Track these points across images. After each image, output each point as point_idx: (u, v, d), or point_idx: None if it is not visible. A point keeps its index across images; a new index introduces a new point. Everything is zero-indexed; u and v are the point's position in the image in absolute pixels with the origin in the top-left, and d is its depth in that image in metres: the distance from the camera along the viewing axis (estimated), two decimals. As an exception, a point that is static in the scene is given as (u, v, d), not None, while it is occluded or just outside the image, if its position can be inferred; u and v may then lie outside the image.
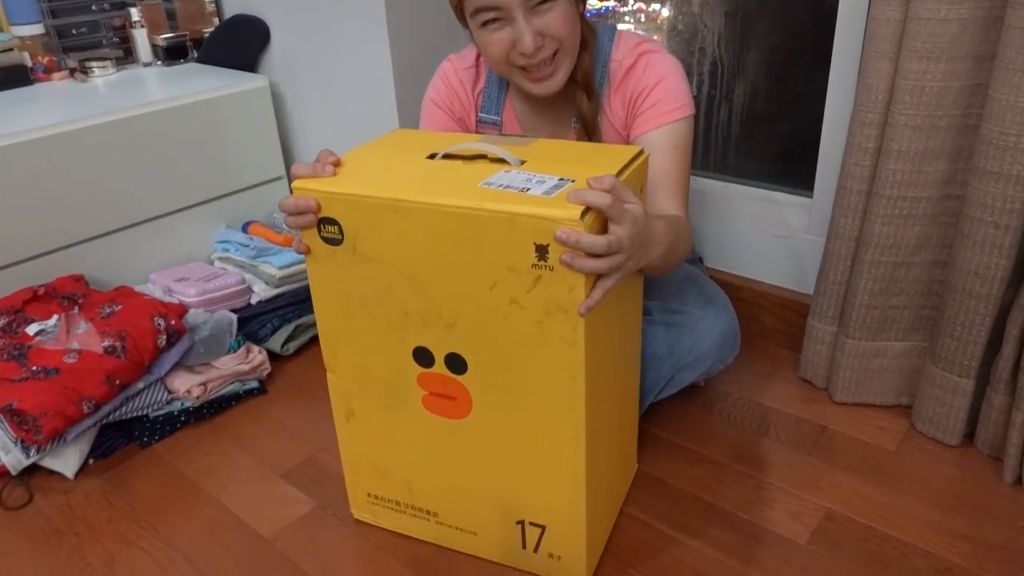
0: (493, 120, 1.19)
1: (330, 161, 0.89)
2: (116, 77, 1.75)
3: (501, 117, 1.18)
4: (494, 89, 1.18)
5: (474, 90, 1.19)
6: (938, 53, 1.01)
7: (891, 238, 1.13)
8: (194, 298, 1.42)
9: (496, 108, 1.18)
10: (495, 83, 1.18)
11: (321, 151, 0.90)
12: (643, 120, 1.10)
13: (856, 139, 1.13)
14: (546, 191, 0.81)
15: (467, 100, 1.19)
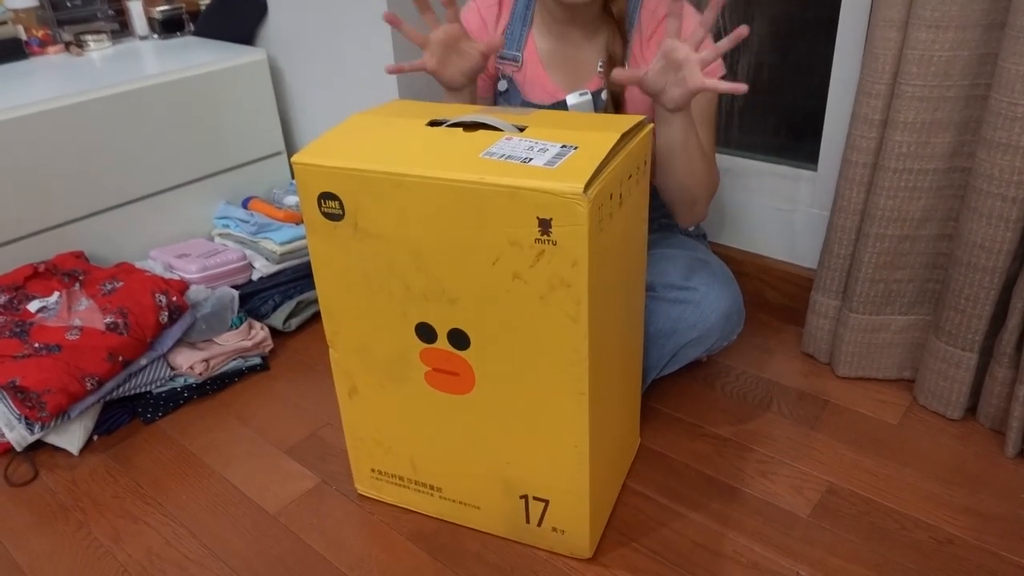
0: (513, 56, 1.19)
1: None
2: (112, 51, 1.72)
3: (522, 54, 1.19)
4: (517, 25, 1.19)
5: (497, 25, 1.20)
6: (947, 22, 0.99)
7: (896, 211, 1.12)
8: (195, 274, 1.42)
9: (518, 45, 1.19)
10: (518, 19, 1.19)
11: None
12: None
13: (862, 110, 1.11)
14: (548, 161, 0.80)
15: (488, 35, 1.19)
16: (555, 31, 1.17)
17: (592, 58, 1.17)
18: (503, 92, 1.21)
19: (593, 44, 1.16)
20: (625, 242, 0.90)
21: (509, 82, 1.20)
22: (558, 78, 1.18)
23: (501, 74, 1.21)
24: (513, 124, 0.89)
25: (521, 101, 1.20)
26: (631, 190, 0.88)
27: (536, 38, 1.19)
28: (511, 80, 1.20)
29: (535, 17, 1.18)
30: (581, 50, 1.17)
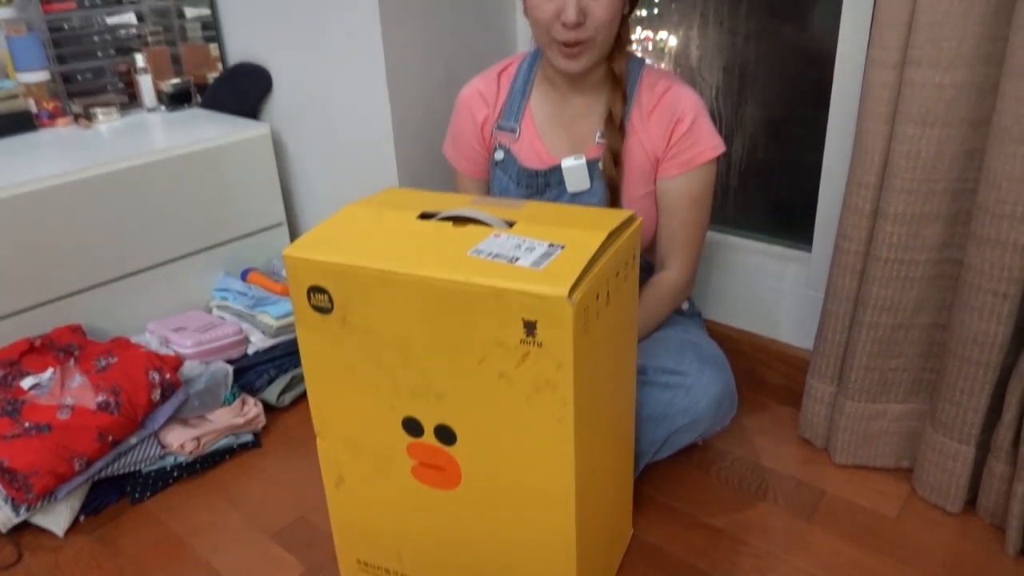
0: (511, 127, 1.22)
1: None
2: (120, 123, 1.76)
3: (520, 125, 1.22)
4: (516, 99, 1.23)
5: (496, 102, 1.24)
6: (933, 118, 1.01)
7: (889, 300, 1.12)
8: (190, 349, 1.42)
9: (516, 116, 1.22)
10: (517, 93, 1.23)
11: None
12: (672, 164, 1.16)
13: (852, 200, 1.12)
14: (535, 261, 0.80)
15: (487, 111, 1.24)
16: (555, 98, 1.21)
17: (592, 126, 1.19)
18: (499, 161, 1.24)
19: (593, 112, 1.19)
20: (614, 337, 0.90)
21: (506, 152, 1.23)
22: (555, 144, 1.21)
23: (498, 144, 1.24)
24: (503, 219, 0.90)
25: (517, 169, 1.22)
26: (619, 287, 0.88)
27: (534, 107, 1.23)
28: (507, 150, 1.23)
29: (534, 87, 1.23)
30: (580, 118, 1.20)
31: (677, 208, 1.18)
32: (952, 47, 0.96)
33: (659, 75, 1.18)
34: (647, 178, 1.18)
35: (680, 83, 1.17)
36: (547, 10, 1.07)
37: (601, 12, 1.06)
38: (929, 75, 0.98)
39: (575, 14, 1.04)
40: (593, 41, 1.08)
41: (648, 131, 1.16)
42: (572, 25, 1.05)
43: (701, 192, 1.17)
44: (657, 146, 1.16)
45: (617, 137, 1.16)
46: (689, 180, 1.16)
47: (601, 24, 1.07)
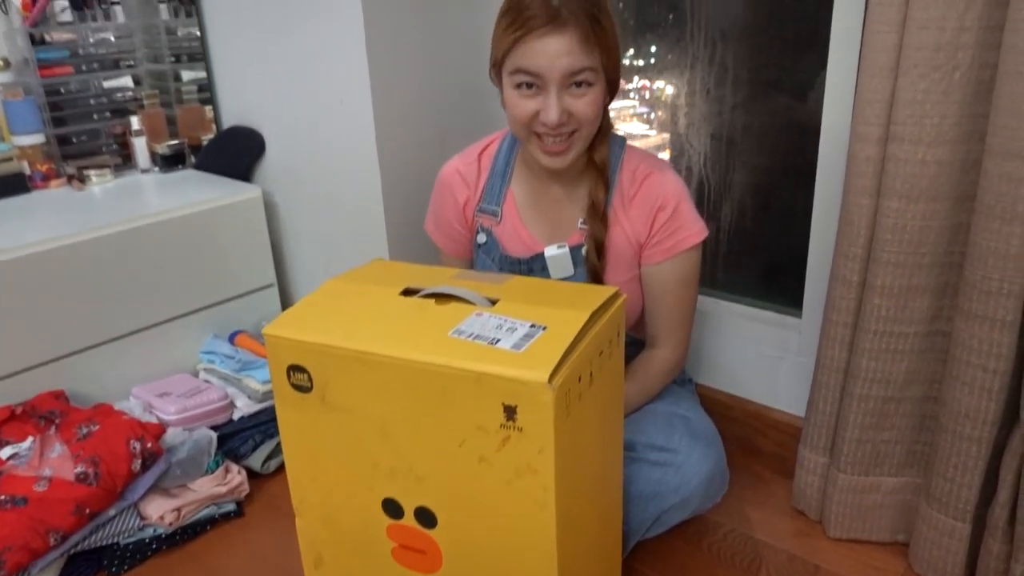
0: (493, 210, 1.20)
1: None
2: (113, 184, 1.77)
3: (501, 208, 1.20)
4: (496, 180, 1.20)
5: (477, 184, 1.21)
6: (917, 193, 1.01)
7: (879, 372, 1.11)
8: (174, 416, 1.40)
9: (497, 199, 1.20)
10: (498, 174, 1.20)
11: None
12: (656, 251, 1.14)
13: (840, 271, 1.12)
14: (516, 343, 0.79)
15: (468, 194, 1.21)
16: (536, 185, 1.19)
17: (573, 212, 1.18)
18: (482, 244, 1.22)
19: (574, 198, 1.17)
20: (598, 417, 0.88)
21: (488, 235, 1.22)
22: (538, 231, 1.19)
23: (480, 227, 1.22)
24: (486, 296, 0.89)
25: (500, 254, 1.21)
26: (603, 366, 0.87)
27: (516, 192, 1.20)
28: (490, 233, 1.21)
29: (515, 171, 1.20)
30: (562, 204, 1.18)
31: (665, 292, 1.17)
32: (934, 124, 0.97)
33: (640, 159, 1.16)
34: (631, 263, 1.17)
35: (661, 168, 1.15)
36: (527, 109, 1.03)
37: (585, 109, 1.03)
38: (912, 151, 0.99)
39: (558, 114, 1.01)
40: (578, 135, 1.06)
41: (630, 218, 1.15)
42: (555, 125, 1.02)
43: (687, 275, 1.16)
44: (640, 232, 1.15)
45: (600, 227, 1.14)
46: (674, 265, 1.15)
47: (584, 121, 1.04)
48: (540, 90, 1.02)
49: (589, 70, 1.01)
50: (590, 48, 1.00)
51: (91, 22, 1.77)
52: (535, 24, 0.99)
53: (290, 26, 1.51)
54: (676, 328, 1.18)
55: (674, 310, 1.17)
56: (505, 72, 1.05)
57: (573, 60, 0.99)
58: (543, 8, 0.99)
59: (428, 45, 1.47)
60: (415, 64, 1.45)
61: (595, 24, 1.00)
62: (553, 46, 0.99)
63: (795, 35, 1.32)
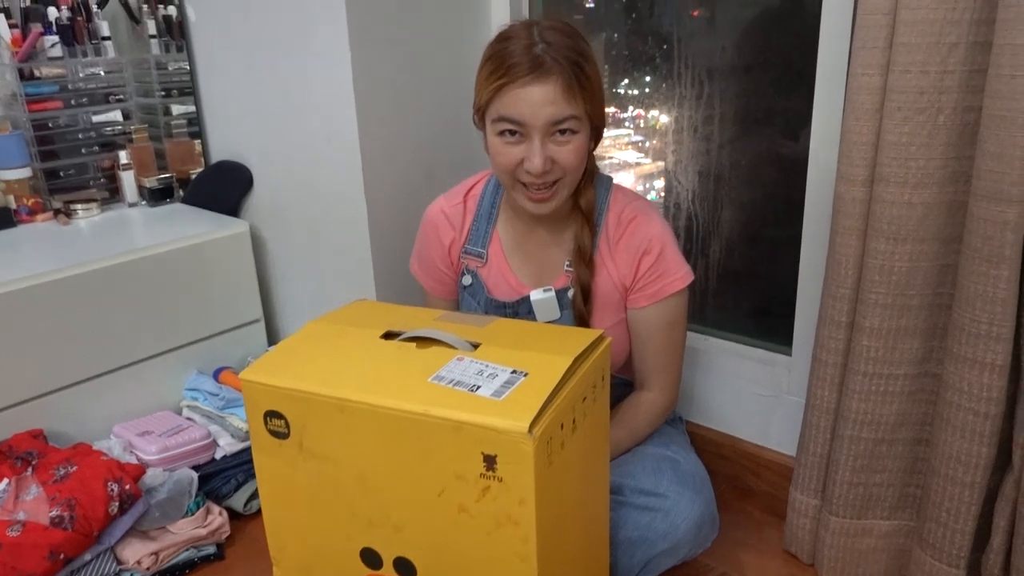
0: (478, 252, 1.19)
1: None
2: (100, 219, 1.76)
3: (487, 251, 1.19)
4: (482, 223, 1.19)
5: (462, 226, 1.20)
6: (904, 235, 1.00)
7: (869, 414, 1.09)
8: (154, 456, 1.37)
9: (483, 241, 1.19)
10: (483, 217, 1.19)
11: None
12: (641, 295, 1.13)
13: (828, 312, 1.11)
14: (496, 390, 0.78)
15: (453, 235, 1.20)
16: (521, 228, 1.18)
17: (559, 255, 1.17)
18: (468, 286, 1.21)
19: (560, 241, 1.17)
20: (582, 463, 0.86)
21: (473, 277, 1.20)
22: (524, 274, 1.18)
23: (465, 269, 1.21)
24: (467, 339, 0.88)
25: (485, 297, 1.19)
26: (587, 411, 0.85)
27: (501, 234, 1.19)
28: (475, 275, 1.20)
29: (500, 214, 1.20)
30: (548, 247, 1.17)
31: (651, 336, 1.15)
32: (920, 166, 0.97)
33: (626, 201, 1.15)
34: (617, 307, 1.16)
35: (646, 211, 1.14)
36: (511, 156, 1.02)
37: (568, 158, 1.02)
38: (898, 193, 0.98)
39: (541, 163, 1.00)
40: (562, 183, 1.05)
41: (616, 262, 1.14)
42: (539, 173, 1.01)
43: (674, 319, 1.15)
44: (625, 276, 1.14)
45: (586, 272, 1.13)
46: (660, 309, 1.14)
47: (568, 169, 1.03)
48: (523, 138, 1.02)
49: (573, 118, 1.00)
50: (573, 96, 0.99)
51: (81, 57, 1.78)
52: (518, 72, 0.98)
53: (278, 62, 1.51)
54: (664, 371, 1.17)
55: (661, 353, 1.16)
56: (488, 119, 1.05)
57: (557, 109, 0.99)
58: (526, 56, 0.98)
59: (415, 82, 1.47)
60: (402, 101, 1.46)
61: (578, 72, 0.99)
62: (536, 95, 0.98)
63: (782, 75, 1.32)
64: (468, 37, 1.54)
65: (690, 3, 1.40)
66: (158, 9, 1.84)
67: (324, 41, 1.38)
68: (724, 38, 1.36)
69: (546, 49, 0.98)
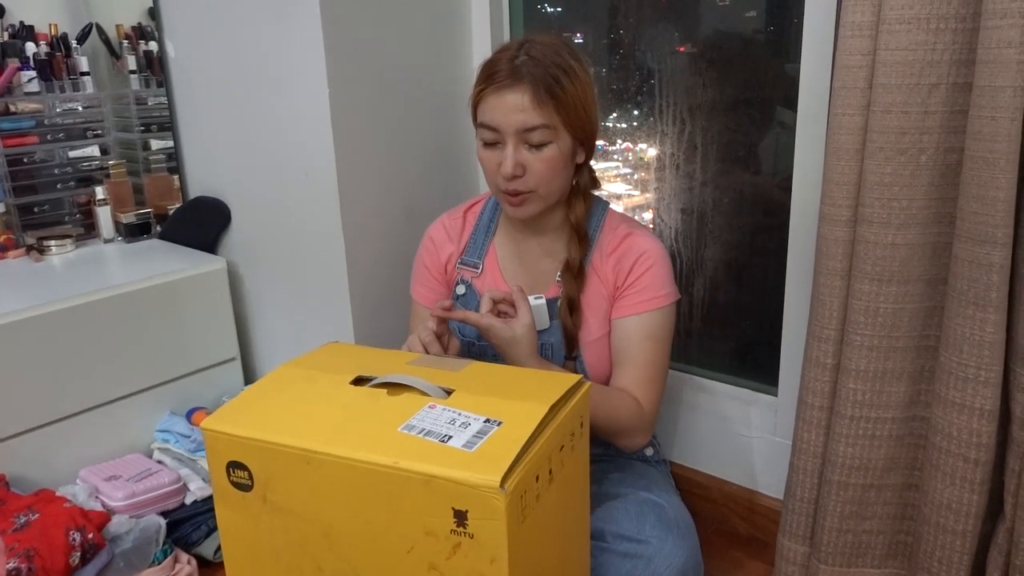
0: (474, 263, 1.22)
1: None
2: (74, 255, 1.72)
3: (483, 261, 1.21)
4: (480, 235, 1.22)
5: (461, 236, 1.23)
6: (889, 276, 0.98)
7: (858, 459, 1.07)
8: (121, 502, 1.32)
9: (479, 253, 1.22)
10: (482, 230, 1.23)
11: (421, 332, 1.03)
12: (627, 303, 1.13)
13: (813, 353, 1.08)
14: (468, 441, 0.74)
15: (451, 247, 1.23)
16: (516, 243, 1.21)
17: (551, 267, 1.18)
18: (461, 296, 1.22)
19: (553, 253, 1.18)
20: (560, 515, 0.83)
21: (468, 287, 1.21)
22: (517, 281, 1.18)
23: (460, 279, 1.22)
24: (441, 386, 0.85)
25: (478, 304, 1.18)
26: (565, 460, 0.82)
27: (498, 246, 1.22)
28: (470, 285, 1.21)
29: (499, 228, 1.23)
30: (541, 259, 1.19)
31: (631, 345, 1.13)
32: (903, 207, 0.95)
33: (622, 219, 1.18)
34: (605, 318, 1.16)
35: (644, 231, 1.16)
36: (491, 163, 1.08)
37: (540, 166, 1.06)
38: (881, 233, 0.97)
39: (512, 167, 1.05)
40: (535, 193, 1.08)
41: (607, 272, 1.15)
42: (509, 177, 1.06)
43: (657, 333, 1.13)
44: (615, 285, 1.15)
45: (574, 285, 1.14)
46: (644, 320, 1.12)
47: (540, 179, 1.07)
48: (501, 145, 1.06)
49: (544, 128, 1.04)
50: (542, 106, 1.03)
51: (59, 92, 1.76)
52: (496, 79, 1.04)
53: (256, 97, 1.50)
54: (644, 387, 1.12)
55: (641, 365, 1.12)
56: (477, 127, 1.10)
57: (526, 116, 1.03)
58: (507, 65, 1.04)
59: (395, 118, 1.46)
60: (381, 137, 1.44)
61: (551, 83, 1.03)
62: (509, 101, 1.03)
63: (764, 113, 1.32)
64: (449, 71, 1.54)
65: (674, 40, 1.40)
66: (139, 45, 1.83)
67: (302, 77, 1.37)
68: (705, 75, 1.36)
69: (526, 61, 1.04)
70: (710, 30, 1.35)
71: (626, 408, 1.11)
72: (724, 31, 1.34)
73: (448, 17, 1.53)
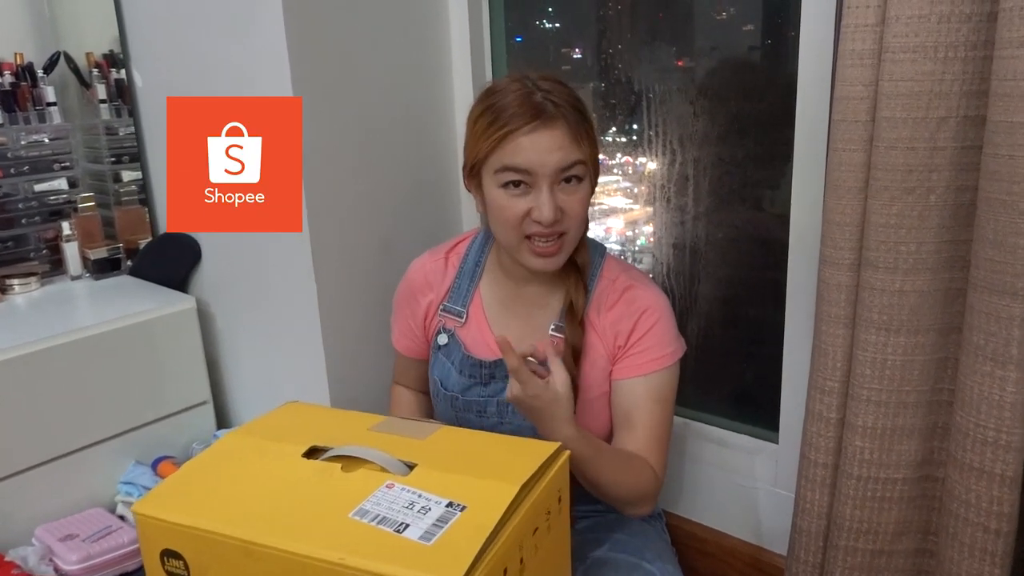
0: (458, 311, 1.12)
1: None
2: (39, 294, 1.64)
3: (467, 309, 1.11)
4: (464, 280, 1.12)
5: (443, 281, 1.13)
6: (897, 325, 0.90)
7: (866, 522, 0.98)
8: (75, 566, 1.23)
9: (463, 300, 1.12)
10: (466, 275, 1.12)
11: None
12: (631, 363, 1.05)
13: (816, 406, 1.00)
14: (427, 531, 0.66)
15: (432, 293, 1.14)
16: (508, 286, 1.11)
17: (545, 318, 1.09)
18: (443, 346, 1.12)
19: (548, 303, 1.09)
20: (534, 605, 0.74)
21: (450, 336, 1.11)
22: (505, 334, 1.08)
23: (442, 327, 1.12)
24: (402, 459, 0.76)
25: (462, 356, 1.10)
26: (539, 544, 0.74)
27: (484, 293, 1.12)
28: (452, 335, 1.11)
29: (485, 272, 1.13)
30: (535, 309, 1.10)
31: (634, 408, 1.04)
32: (911, 251, 0.87)
33: (620, 268, 1.09)
34: (604, 377, 1.07)
35: (644, 281, 1.08)
36: (518, 209, 0.97)
37: (576, 208, 0.99)
38: (888, 279, 0.89)
39: (551, 214, 0.95)
40: (567, 236, 1.00)
41: (605, 329, 1.06)
42: (550, 223, 0.96)
43: (662, 394, 1.05)
44: (615, 343, 1.05)
45: (578, 332, 1.05)
46: (649, 382, 1.04)
47: (576, 220, 0.99)
48: (530, 188, 0.97)
49: (580, 164, 0.97)
50: (579, 141, 0.97)
51: (24, 124, 1.69)
52: (522, 120, 0.95)
53: (226, 130, 1.42)
54: (653, 450, 1.04)
55: (649, 428, 1.04)
56: (487, 173, 0.99)
57: (565, 155, 0.96)
58: (526, 105, 0.95)
59: (368, 148, 1.38)
60: (354, 167, 1.36)
61: (581, 119, 0.98)
62: (544, 141, 0.95)
63: (759, 145, 1.24)
64: (426, 98, 1.46)
65: (664, 61, 1.32)
66: (110, 73, 1.76)
67: (270, 109, 1.29)
68: (696, 104, 1.28)
69: (546, 95, 0.96)
70: (706, 49, 1.28)
71: (645, 477, 1.02)
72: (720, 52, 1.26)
73: (426, 43, 1.45)
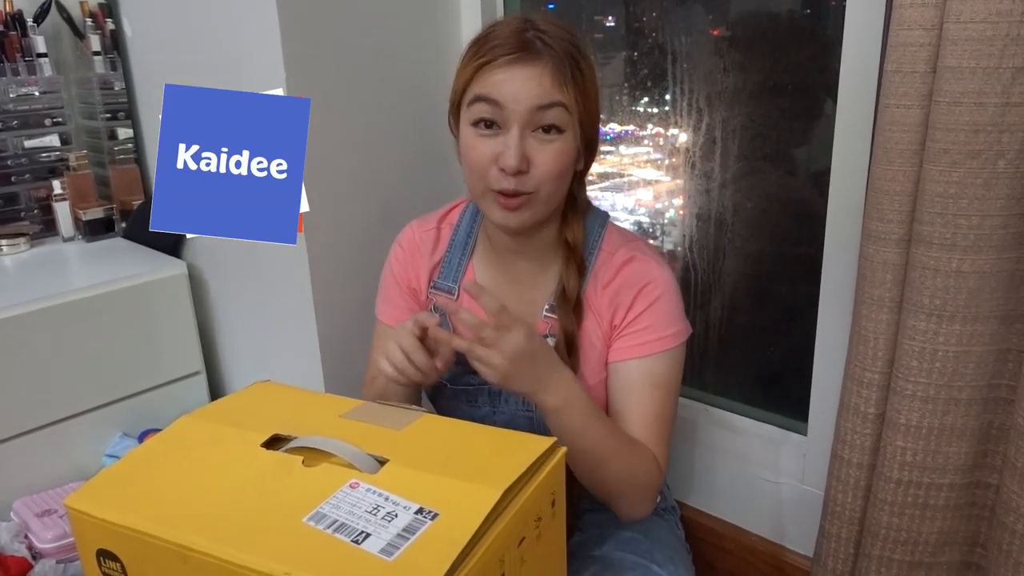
0: (449, 287, 1.02)
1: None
2: (28, 255, 1.57)
3: (458, 286, 1.02)
4: (455, 254, 1.03)
5: (433, 254, 1.04)
6: (952, 311, 0.78)
7: (904, 532, 0.87)
8: (49, 544, 1.17)
9: (455, 275, 1.02)
10: (457, 248, 1.03)
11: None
12: (628, 344, 0.94)
13: (851, 400, 0.88)
14: (389, 543, 0.56)
15: (423, 265, 1.04)
16: (499, 264, 1.01)
17: (539, 297, 0.99)
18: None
19: (542, 281, 0.99)
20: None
21: (442, 316, 1.01)
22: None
23: (433, 306, 1.03)
24: (373, 453, 0.67)
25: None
26: (525, 557, 0.64)
27: (476, 270, 1.02)
28: (444, 317, 1.00)
29: (477, 247, 1.03)
30: (526, 287, 1.00)
31: (632, 393, 0.93)
32: (972, 225, 0.75)
33: (622, 240, 0.97)
34: (601, 362, 0.96)
35: (646, 253, 0.96)
36: (484, 152, 0.87)
37: (548, 162, 0.87)
38: (943, 258, 0.76)
39: (517, 160, 0.85)
40: (536, 195, 0.88)
41: (602, 306, 0.95)
42: (512, 172, 0.86)
43: (662, 379, 0.94)
44: (611, 323, 0.95)
45: (571, 319, 0.94)
46: (647, 364, 0.93)
47: (546, 176, 0.87)
48: (500, 131, 0.87)
49: (560, 106, 0.86)
50: (563, 83, 0.86)
51: (12, 76, 1.60)
52: (502, 51, 0.86)
53: (219, 83, 1.31)
54: (651, 442, 0.93)
55: (647, 418, 0.93)
56: (463, 108, 0.90)
57: (542, 92, 0.85)
58: (514, 38, 0.87)
59: (368, 112, 1.27)
60: (351, 129, 1.25)
61: (572, 62, 0.86)
62: (521, 74, 0.85)
63: (796, 103, 1.11)
64: (432, 57, 1.35)
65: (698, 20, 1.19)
66: (106, 24, 1.66)
67: (260, 63, 1.19)
68: (727, 58, 1.15)
69: (538, 34, 0.87)
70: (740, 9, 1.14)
71: (649, 466, 0.91)
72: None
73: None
